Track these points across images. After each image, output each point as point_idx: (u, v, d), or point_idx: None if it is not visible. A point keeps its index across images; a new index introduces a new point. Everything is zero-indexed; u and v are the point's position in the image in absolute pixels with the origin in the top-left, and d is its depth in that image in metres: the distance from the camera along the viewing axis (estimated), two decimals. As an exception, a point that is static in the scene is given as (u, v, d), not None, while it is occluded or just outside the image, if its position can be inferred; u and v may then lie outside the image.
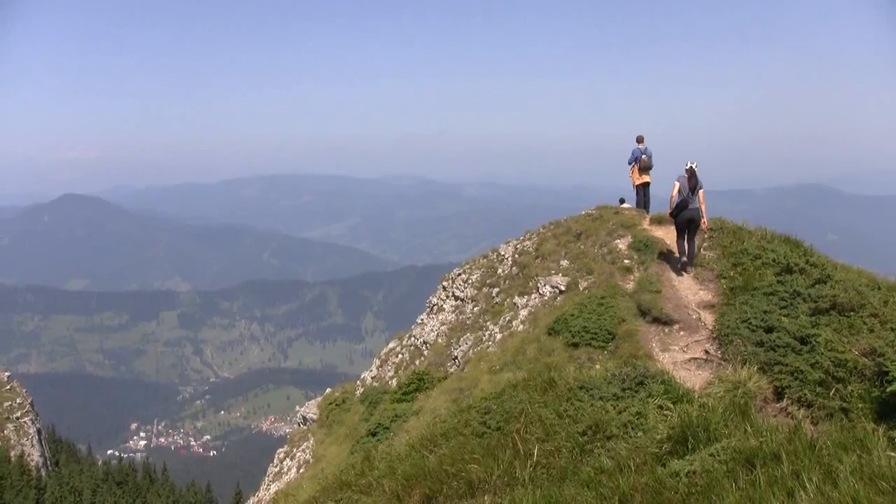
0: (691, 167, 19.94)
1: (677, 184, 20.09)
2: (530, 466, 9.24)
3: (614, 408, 10.52)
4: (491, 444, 10.20)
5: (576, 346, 18.03)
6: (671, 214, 20.77)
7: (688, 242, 20.61)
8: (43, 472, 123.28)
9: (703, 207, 20.17)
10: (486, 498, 8.71)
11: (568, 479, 8.66)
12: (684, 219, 20.21)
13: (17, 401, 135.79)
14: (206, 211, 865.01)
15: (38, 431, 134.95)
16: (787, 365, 12.76)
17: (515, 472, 9.17)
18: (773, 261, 18.14)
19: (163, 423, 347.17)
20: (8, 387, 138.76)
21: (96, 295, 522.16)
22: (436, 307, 34.17)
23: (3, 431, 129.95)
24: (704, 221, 20.44)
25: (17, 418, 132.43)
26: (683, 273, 20.79)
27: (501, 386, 13.71)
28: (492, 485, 9.05)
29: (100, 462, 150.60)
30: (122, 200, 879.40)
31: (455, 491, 9.20)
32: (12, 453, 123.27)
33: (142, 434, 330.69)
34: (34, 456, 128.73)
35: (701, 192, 20.17)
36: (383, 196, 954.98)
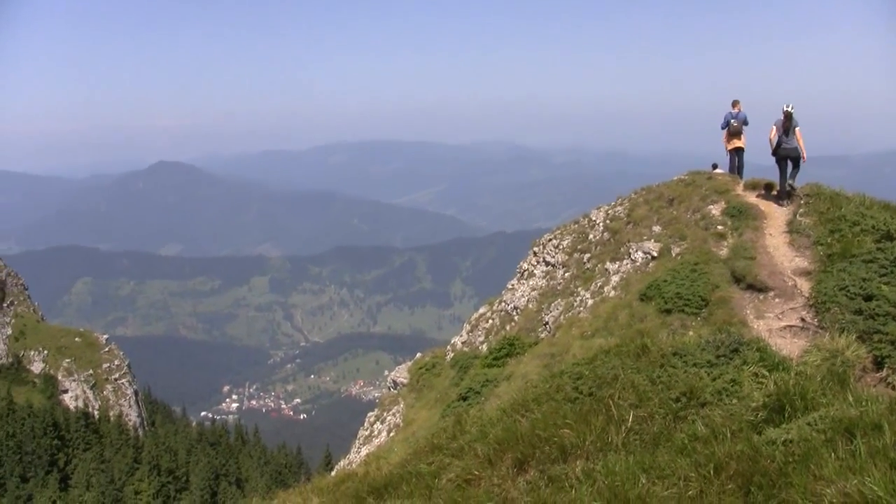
0: (788, 110, 21.66)
1: (774, 127, 22.20)
2: (623, 432, 9.20)
3: (708, 375, 10.41)
4: (583, 410, 10.17)
5: (668, 312, 17.89)
6: (772, 153, 22.65)
7: (789, 177, 22.73)
8: (140, 432, 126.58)
9: (801, 144, 22.10)
10: (578, 463, 8.70)
11: (661, 445, 8.61)
12: (781, 156, 22.36)
13: (115, 363, 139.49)
14: (296, 177, 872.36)
15: (135, 393, 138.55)
16: (887, 334, 12.44)
17: (608, 438, 9.14)
18: (873, 227, 17.70)
19: (254, 387, 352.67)
20: (106, 349, 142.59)
21: (189, 260, 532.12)
22: (526, 273, 34.10)
23: (102, 392, 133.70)
24: (804, 155, 22.31)
25: (116, 380, 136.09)
26: (782, 204, 22.61)
27: (593, 351, 13.65)
28: (584, 450, 9.04)
29: (194, 423, 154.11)
30: (214, 167, 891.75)
31: (547, 455, 9.21)
32: (111, 413, 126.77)
33: (234, 396, 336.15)
34: (132, 416, 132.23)
35: (797, 130, 22.07)
36: (472, 162, 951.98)
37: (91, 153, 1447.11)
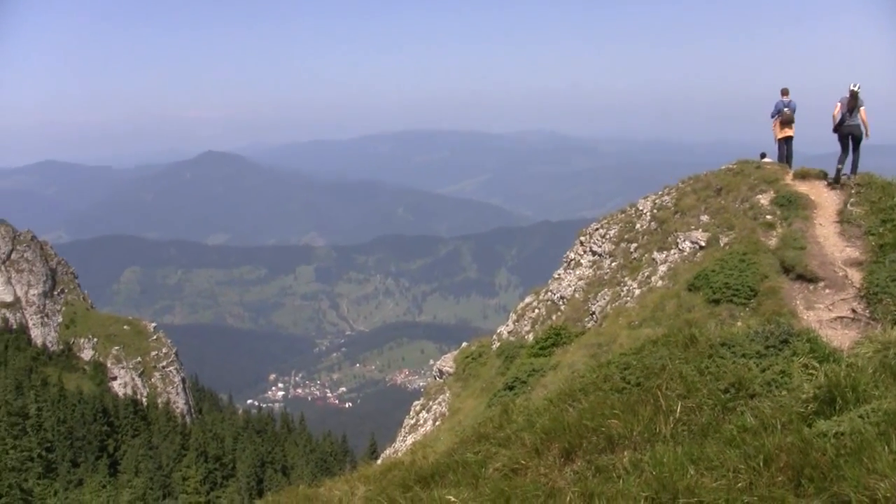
0: (854, 89, 21.62)
1: (839, 104, 22.15)
2: (671, 423, 9.16)
3: (757, 366, 10.33)
4: (631, 400, 10.14)
5: (716, 302, 17.79)
6: (834, 130, 22.57)
7: (852, 153, 22.72)
8: (187, 419, 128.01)
9: (864, 122, 22.04)
10: (625, 453, 8.68)
11: (710, 436, 8.56)
12: (844, 133, 22.39)
13: (163, 351, 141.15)
14: (342, 167, 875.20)
15: (183, 380, 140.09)
16: (940, 325, 12.28)
17: (656, 428, 9.10)
18: (926, 217, 17.50)
19: (300, 375, 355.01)
20: (154, 337, 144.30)
21: (236, 249, 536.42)
22: (573, 262, 34.02)
23: (150, 379, 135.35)
24: (867, 132, 22.23)
25: (163, 367, 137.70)
26: (835, 187, 22.97)
27: (641, 341, 13.59)
28: (632, 440, 9.01)
29: (240, 411, 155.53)
30: (260, 157, 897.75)
31: (594, 445, 9.19)
32: (159, 400, 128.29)
33: (279, 385, 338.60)
34: (179, 403, 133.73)
35: (862, 109, 21.96)
36: (517, 151, 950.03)
37: (139, 143, 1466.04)
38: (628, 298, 24.28)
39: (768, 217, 21.84)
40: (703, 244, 22.97)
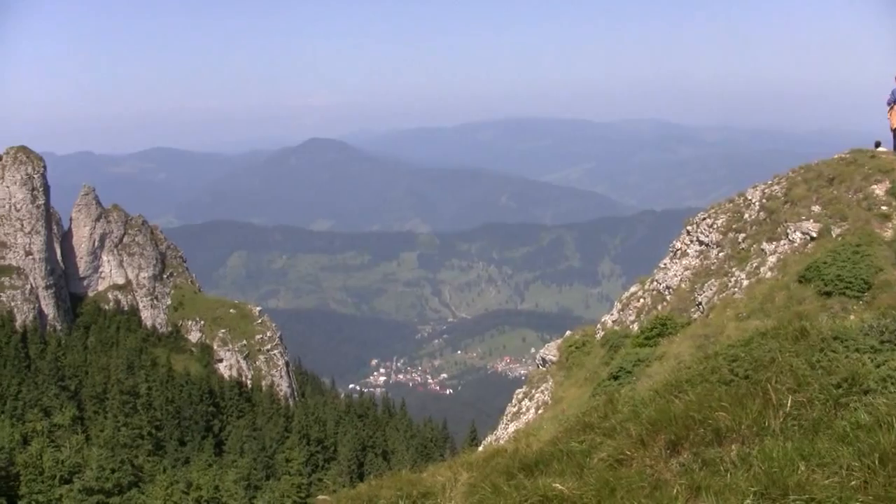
0: None
1: None
2: (781, 417, 8.99)
3: (871, 361, 10.07)
4: (739, 393, 9.98)
5: (828, 294, 17.44)
6: None
7: None
8: (290, 402, 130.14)
9: None
10: (733, 447, 8.55)
11: (821, 432, 8.38)
12: None
13: (268, 334, 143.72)
14: (445, 154, 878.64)
15: (286, 364, 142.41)
16: None
17: (765, 422, 8.94)
18: None
19: (401, 361, 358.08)
20: (259, 321, 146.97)
21: (340, 235, 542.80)
22: (679, 252, 33.67)
23: (255, 362, 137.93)
24: None
25: (268, 350, 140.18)
26: None
27: (749, 333, 13.37)
28: (740, 434, 8.87)
29: (342, 395, 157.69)
30: (365, 144, 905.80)
31: (701, 438, 9.07)
32: (263, 383, 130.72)
33: (381, 370, 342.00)
34: (283, 386, 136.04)
35: None
36: (621, 140, 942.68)
37: (247, 130, 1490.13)
38: (736, 289, 23.94)
39: (883, 208, 21.31)
40: (814, 235, 22.53)
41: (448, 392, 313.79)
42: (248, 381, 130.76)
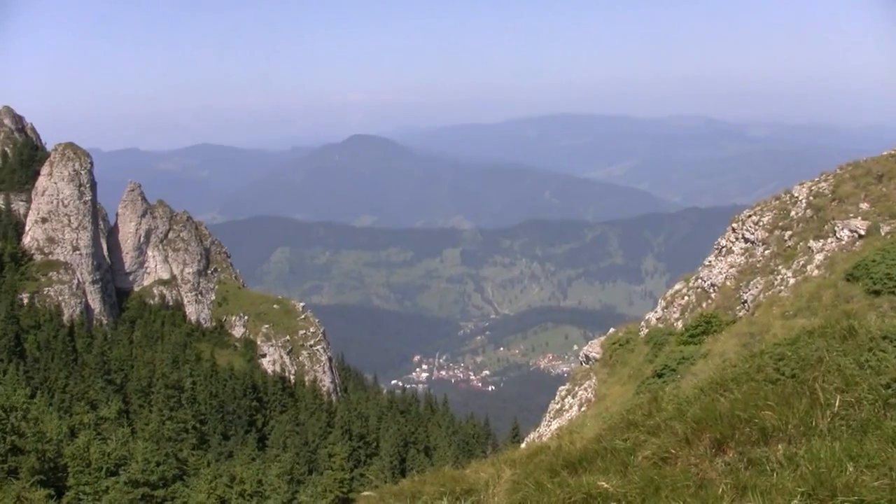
0: None
1: None
2: (829, 417, 8.91)
3: (921, 361, 9.96)
4: (785, 392, 9.89)
5: (877, 293, 17.23)
6: None
7: None
8: (333, 397, 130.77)
9: None
10: (780, 446, 8.48)
11: (870, 433, 8.29)
12: None
13: (311, 330, 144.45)
14: (489, 151, 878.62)
15: (329, 359, 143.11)
16: None
17: (812, 422, 8.86)
18: None
19: (444, 357, 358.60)
20: (302, 316, 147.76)
21: (383, 231, 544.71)
22: (724, 249, 33.45)
23: (298, 357, 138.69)
24: None
25: (311, 346, 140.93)
26: None
27: (796, 332, 13.26)
28: (786, 433, 8.79)
29: (384, 391, 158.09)
30: (408, 140, 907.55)
31: (747, 437, 9.01)
32: (306, 378, 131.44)
33: (424, 366, 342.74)
34: (325, 382, 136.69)
35: None
36: (665, 136, 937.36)
37: (290, 127, 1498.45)
38: (782, 287, 23.75)
39: (934, 205, 21.05)
40: (862, 233, 22.28)
41: (490, 389, 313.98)
42: (291, 377, 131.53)
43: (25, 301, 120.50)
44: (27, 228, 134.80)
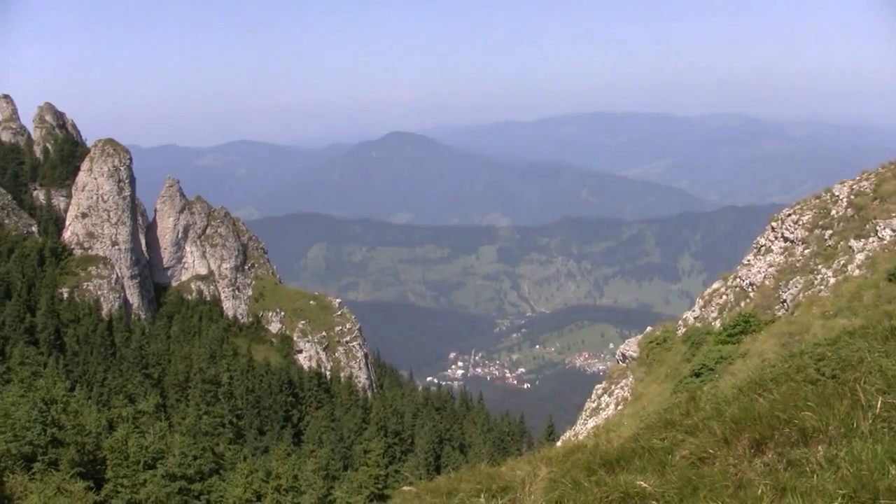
0: None
1: None
2: (870, 418, 8.81)
3: (965, 362, 9.84)
4: (826, 393, 9.80)
5: (919, 294, 17.04)
6: None
7: None
8: (369, 394, 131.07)
9: None
10: (820, 448, 8.40)
11: (913, 435, 8.20)
12: None
13: (347, 326, 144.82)
14: (526, 148, 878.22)
15: (365, 356, 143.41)
16: None
17: (853, 424, 8.76)
18: None
19: (479, 354, 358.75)
20: (339, 313, 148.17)
21: (419, 228, 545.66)
22: (763, 248, 33.22)
23: (334, 354, 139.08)
24: None
25: (347, 342, 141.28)
26: None
27: (836, 332, 13.15)
28: (827, 435, 8.70)
29: (420, 388, 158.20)
30: (445, 138, 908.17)
31: (787, 438, 8.93)
32: (342, 374, 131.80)
33: (459, 363, 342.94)
34: (361, 378, 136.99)
35: None
36: (704, 134, 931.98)
37: (327, 124, 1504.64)
38: (822, 287, 23.55)
39: (977, 205, 20.78)
40: (904, 232, 22.04)
41: (526, 386, 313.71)
42: (327, 373, 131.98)
43: (65, 295, 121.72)
44: (67, 223, 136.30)
